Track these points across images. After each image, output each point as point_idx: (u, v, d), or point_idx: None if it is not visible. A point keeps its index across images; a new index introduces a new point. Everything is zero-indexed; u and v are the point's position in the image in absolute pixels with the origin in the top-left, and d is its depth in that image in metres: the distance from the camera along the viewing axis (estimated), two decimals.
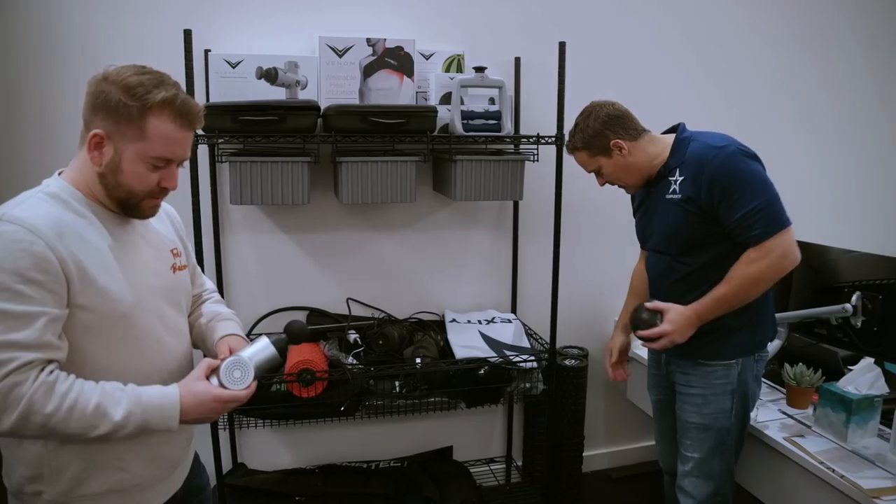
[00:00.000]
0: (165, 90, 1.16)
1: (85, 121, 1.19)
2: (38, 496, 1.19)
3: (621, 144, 1.79)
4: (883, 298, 1.93)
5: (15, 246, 1.06)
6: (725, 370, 1.78)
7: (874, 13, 3.00)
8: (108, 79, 1.15)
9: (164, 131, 1.16)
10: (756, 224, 1.63)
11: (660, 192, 1.81)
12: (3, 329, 1.05)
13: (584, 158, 1.86)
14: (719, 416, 1.79)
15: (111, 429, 1.11)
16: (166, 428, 1.17)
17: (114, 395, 1.12)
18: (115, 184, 1.18)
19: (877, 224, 3.19)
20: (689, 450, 1.85)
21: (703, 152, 1.70)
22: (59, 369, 1.11)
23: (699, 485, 1.84)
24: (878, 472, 1.68)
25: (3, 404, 1.04)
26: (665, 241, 1.81)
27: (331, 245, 2.46)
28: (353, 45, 2.19)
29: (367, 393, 2.22)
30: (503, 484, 2.76)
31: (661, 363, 1.97)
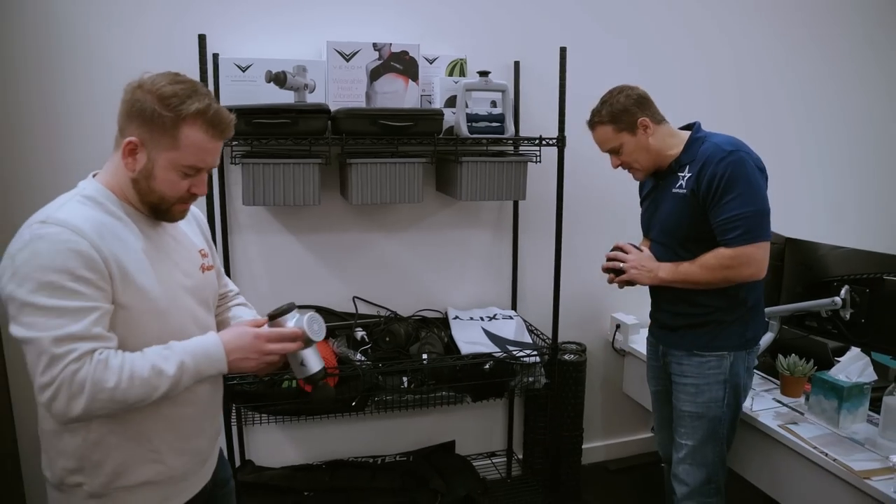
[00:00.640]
0: (199, 101, 1.19)
1: (120, 127, 1.23)
2: (78, 487, 1.24)
3: (647, 123, 1.84)
4: (870, 292, 2.03)
5: (63, 246, 1.11)
6: (718, 360, 1.86)
7: (873, 13, 3.13)
8: (144, 87, 1.19)
9: (197, 141, 1.20)
10: (736, 229, 1.72)
11: (667, 185, 1.89)
12: (61, 324, 1.09)
13: (607, 134, 1.87)
14: (712, 405, 1.88)
15: (170, 385, 1.17)
16: (218, 370, 1.23)
17: (161, 354, 1.18)
18: (147, 189, 1.23)
19: (870, 221, 3.31)
20: (683, 437, 1.93)
21: (712, 152, 1.78)
22: None
23: (692, 472, 1.91)
24: (869, 455, 1.78)
25: (71, 391, 1.09)
26: (665, 233, 1.90)
27: (336, 245, 2.51)
28: (359, 50, 2.25)
29: (377, 388, 2.28)
30: (504, 477, 2.83)
31: (658, 355, 2.04)
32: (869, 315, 2.04)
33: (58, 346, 1.09)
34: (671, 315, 1.94)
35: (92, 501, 1.24)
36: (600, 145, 1.92)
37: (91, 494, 1.24)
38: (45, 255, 1.10)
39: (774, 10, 2.95)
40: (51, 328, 1.09)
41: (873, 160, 3.30)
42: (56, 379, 1.09)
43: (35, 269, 1.10)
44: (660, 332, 2.02)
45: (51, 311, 1.09)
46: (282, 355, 1.32)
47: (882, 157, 3.32)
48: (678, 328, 1.92)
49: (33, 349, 1.10)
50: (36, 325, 1.09)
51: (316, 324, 1.34)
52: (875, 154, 3.30)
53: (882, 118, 3.27)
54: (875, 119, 3.26)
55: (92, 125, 2.15)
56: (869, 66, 3.20)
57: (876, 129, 3.27)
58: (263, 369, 1.32)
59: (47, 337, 1.09)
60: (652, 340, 2.09)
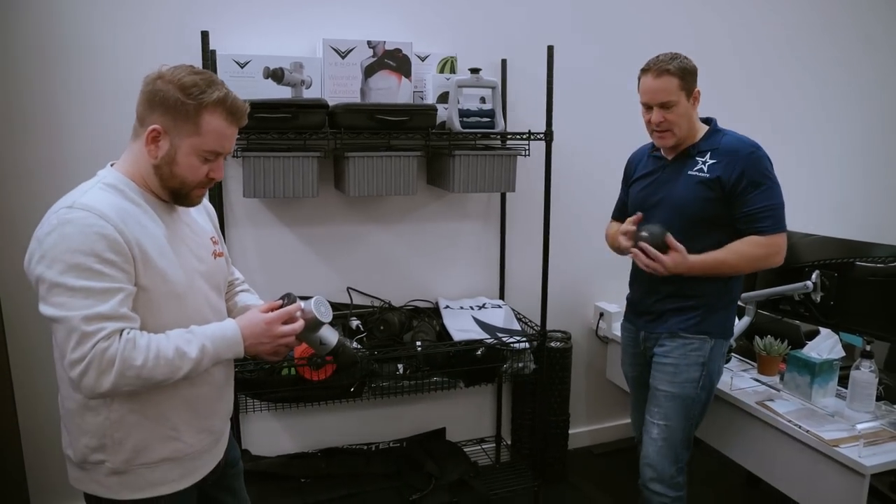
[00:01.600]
0: (218, 90, 1.27)
1: (140, 116, 1.29)
2: (101, 465, 1.29)
3: (698, 96, 1.91)
4: (838, 276, 2.17)
5: (89, 230, 1.17)
6: (701, 343, 1.94)
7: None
8: (164, 78, 1.25)
9: (217, 127, 1.27)
10: (768, 219, 1.84)
11: (680, 167, 1.94)
12: (90, 304, 1.16)
13: (671, 85, 1.85)
14: (687, 385, 1.94)
15: (192, 366, 1.24)
16: (235, 354, 1.31)
17: (184, 336, 1.25)
18: (169, 175, 1.29)
19: (876, 217, 3.52)
20: (655, 416, 1.98)
21: (739, 145, 1.88)
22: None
23: (661, 452, 1.96)
24: (837, 425, 1.91)
25: (101, 367, 1.15)
26: (680, 214, 1.91)
27: (330, 237, 2.58)
28: (354, 47, 2.32)
29: (373, 375, 2.36)
30: (494, 462, 2.92)
31: (638, 341, 2.09)
32: (837, 298, 2.18)
33: (87, 325, 1.15)
34: (659, 300, 1.99)
35: (114, 478, 1.30)
36: (654, 94, 1.88)
37: (113, 471, 1.29)
38: (73, 238, 1.16)
39: (772, 4, 3.10)
40: (80, 307, 1.15)
41: (874, 157, 3.48)
42: (87, 356, 1.14)
43: (64, 252, 1.16)
44: (642, 318, 2.06)
45: (79, 291, 1.15)
46: (295, 337, 1.40)
47: (882, 154, 3.51)
48: (665, 313, 1.98)
49: (63, 328, 1.16)
50: (66, 304, 1.15)
51: (322, 306, 1.43)
52: (876, 150, 3.48)
53: (885, 116, 3.46)
54: (878, 115, 3.44)
55: (94, 120, 2.19)
56: (869, 65, 3.38)
57: (877, 126, 3.46)
58: (279, 352, 1.39)
59: (77, 316, 1.14)
60: (630, 327, 2.14)
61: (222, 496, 1.55)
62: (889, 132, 3.57)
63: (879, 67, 3.46)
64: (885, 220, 3.58)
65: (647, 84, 1.90)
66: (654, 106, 1.89)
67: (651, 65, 1.89)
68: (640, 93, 1.94)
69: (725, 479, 2.87)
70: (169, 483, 1.34)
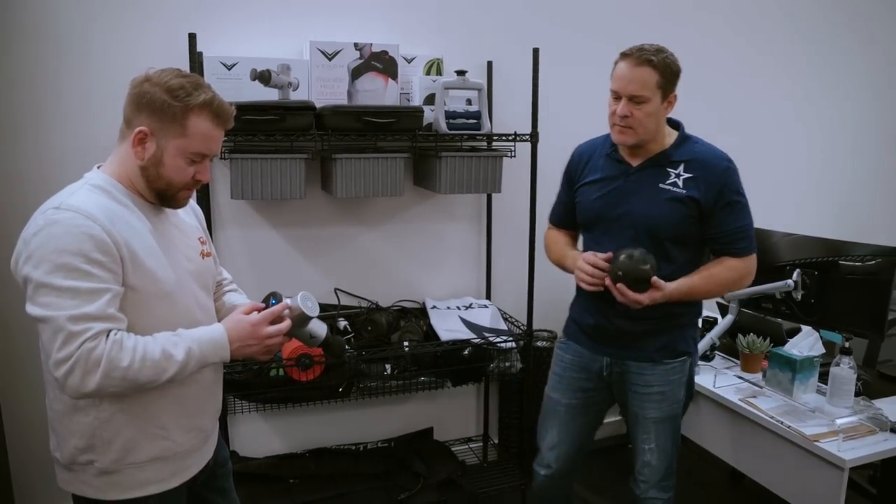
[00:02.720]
0: (204, 93, 1.28)
1: (126, 119, 1.29)
2: (90, 465, 1.29)
3: (674, 101, 1.75)
4: (818, 274, 2.21)
5: (77, 231, 1.18)
6: (681, 365, 1.86)
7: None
8: (151, 80, 1.26)
9: (203, 129, 1.29)
10: (744, 239, 1.76)
11: (649, 176, 1.78)
12: (76, 304, 1.16)
13: (649, 79, 1.68)
14: (675, 405, 1.88)
15: (177, 369, 1.24)
16: (221, 358, 1.32)
17: (171, 339, 1.26)
18: (156, 176, 1.30)
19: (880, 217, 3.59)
20: (646, 442, 1.89)
21: (713, 158, 1.76)
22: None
23: (659, 471, 1.90)
24: (818, 421, 1.95)
25: (86, 367, 1.16)
26: (641, 230, 1.76)
27: (317, 238, 2.59)
28: (341, 49, 2.33)
29: (361, 375, 2.37)
30: (481, 461, 2.94)
31: (591, 367, 1.92)
32: (818, 296, 2.22)
33: (74, 324, 1.15)
34: (629, 321, 1.81)
35: (103, 478, 1.30)
36: (629, 83, 1.70)
37: (102, 471, 1.29)
38: (60, 238, 1.17)
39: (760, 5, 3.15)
40: (66, 307, 1.15)
41: (876, 156, 3.55)
42: (73, 355, 1.15)
43: (50, 252, 1.16)
44: (606, 343, 1.89)
45: (66, 291, 1.16)
46: (283, 337, 1.40)
47: (882, 153, 3.58)
48: (638, 337, 1.83)
49: (49, 327, 1.16)
50: (52, 304, 1.16)
51: (309, 301, 1.44)
52: (877, 150, 3.56)
53: (883, 115, 3.53)
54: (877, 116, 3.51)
55: (81, 121, 2.19)
56: (868, 63, 3.45)
57: (878, 126, 3.53)
58: (267, 353, 1.39)
59: (63, 315, 1.15)
60: (582, 351, 1.94)
61: (212, 496, 1.55)
62: (880, 132, 3.63)
63: (880, 67, 3.52)
64: (867, 219, 3.64)
65: (622, 70, 1.71)
66: (623, 96, 1.71)
67: (633, 51, 1.70)
68: (611, 79, 1.75)
69: (710, 474, 2.91)
70: (158, 482, 1.34)
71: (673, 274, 1.74)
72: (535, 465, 2.07)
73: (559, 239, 2.01)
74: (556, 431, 2.00)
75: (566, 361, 1.97)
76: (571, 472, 2.04)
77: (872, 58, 3.53)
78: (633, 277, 1.67)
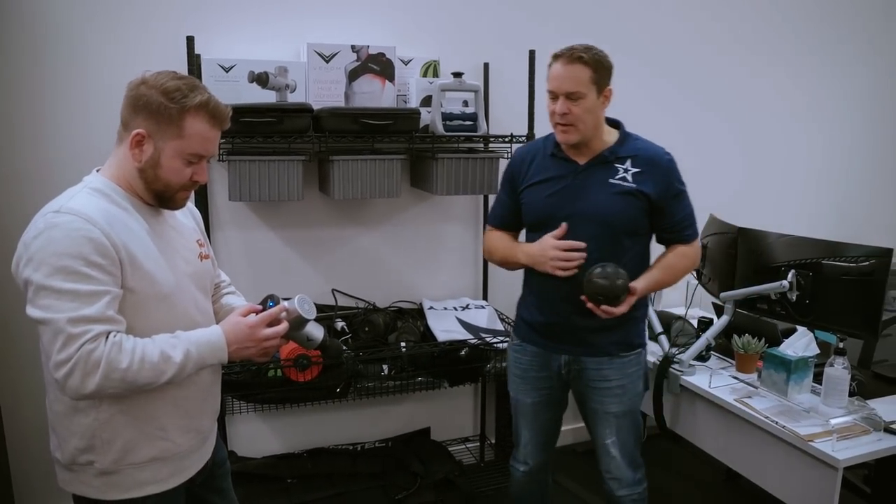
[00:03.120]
0: (200, 94, 1.29)
1: (124, 122, 1.31)
2: (90, 465, 1.30)
3: (609, 95, 1.79)
4: (813, 275, 2.22)
5: (76, 234, 1.19)
6: (637, 357, 1.94)
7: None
8: (148, 83, 1.27)
9: (200, 130, 1.29)
10: (690, 227, 1.89)
11: (598, 173, 1.82)
12: (76, 306, 1.17)
13: (582, 76, 1.72)
14: (635, 398, 1.95)
15: (176, 370, 1.25)
16: (219, 360, 1.33)
17: (169, 341, 1.27)
18: (153, 178, 1.31)
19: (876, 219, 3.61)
20: (609, 437, 1.93)
21: (657, 152, 1.85)
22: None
23: (624, 465, 1.95)
24: (813, 421, 1.96)
25: (86, 369, 1.17)
26: (604, 224, 1.80)
27: (315, 239, 2.60)
28: (338, 52, 2.34)
29: (358, 376, 2.38)
30: (478, 461, 2.96)
31: (549, 365, 1.94)
32: (812, 297, 2.23)
33: (74, 327, 1.16)
34: (584, 318, 1.82)
35: (103, 479, 1.31)
36: (564, 83, 1.74)
37: (102, 472, 1.30)
38: (60, 241, 1.18)
39: (750, 11, 3.17)
40: (66, 310, 1.16)
41: (872, 158, 3.57)
42: (73, 357, 1.16)
43: (50, 255, 1.17)
44: (562, 341, 1.91)
45: (66, 293, 1.17)
46: (280, 339, 1.41)
47: (878, 155, 3.60)
48: (595, 331, 1.86)
49: (49, 329, 1.17)
50: (52, 307, 1.17)
51: (306, 304, 1.45)
52: (873, 151, 3.57)
53: (880, 116, 3.55)
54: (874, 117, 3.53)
55: (80, 123, 2.20)
56: (868, 63, 3.46)
57: (875, 128, 3.55)
58: (264, 355, 1.40)
59: (63, 318, 1.16)
60: (537, 350, 1.96)
61: (210, 497, 1.56)
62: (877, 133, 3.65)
63: (879, 68, 3.54)
64: (862, 220, 3.66)
65: (556, 70, 1.75)
66: (560, 95, 1.75)
67: (563, 51, 1.75)
68: (547, 80, 1.79)
69: (705, 474, 2.93)
70: (157, 483, 1.35)
71: (628, 266, 1.78)
72: (512, 462, 2.13)
73: (503, 237, 2.00)
74: (526, 430, 2.06)
75: (524, 363, 2.00)
76: (545, 464, 2.13)
77: (871, 58, 3.54)
78: (613, 296, 1.73)
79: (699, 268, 2.57)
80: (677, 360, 2.34)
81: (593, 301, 1.74)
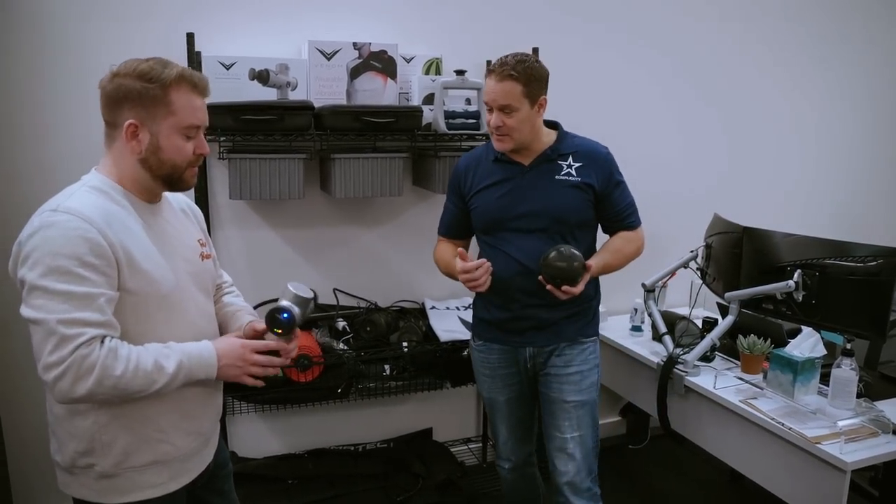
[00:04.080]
0: (174, 68, 1.28)
1: (108, 121, 1.29)
2: (90, 469, 1.29)
3: (544, 103, 1.84)
4: (819, 275, 2.19)
5: (72, 234, 1.17)
6: (594, 345, 2.00)
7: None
8: (120, 74, 1.26)
9: (187, 101, 1.28)
10: (633, 214, 1.99)
11: (544, 172, 1.88)
12: (70, 308, 1.15)
13: (513, 91, 1.76)
14: (592, 389, 1.97)
15: (167, 381, 1.24)
16: (207, 375, 1.31)
17: (163, 351, 1.26)
18: (158, 163, 1.29)
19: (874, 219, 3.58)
20: (567, 430, 1.93)
21: (595, 147, 1.94)
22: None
23: (580, 465, 1.94)
24: (820, 423, 1.94)
25: (79, 373, 1.15)
26: (556, 220, 1.86)
27: (316, 238, 2.58)
28: (340, 49, 2.32)
29: (360, 376, 2.36)
30: (480, 462, 2.94)
31: (515, 360, 1.99)
32: (819, 297, 2.20)
33: (66, 328, 1.14)
34: (547, 310, 1.90)
35: (103, 482, 1.30)
36: (498, 98, 1.78)
37: (102, 475, 1.29)
38: (55, 241, 1.16)
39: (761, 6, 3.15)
40: (59, 311, 1.15)
41: (875, 157, 3.54)
42: (65, 360, 1.14)
43: (45, 255, 1.16)
44: (525, 334, 1.95)
45: (59, 294, 1.15)
46: (263, 368, 1.39)
47: (881, 154, 3.57)
48: (556, 322, 1.92)
49: (41, 330, 1.15)
50: (45, 307, 1.15)
51: (301, 291, 1.44)
52: (876, 151, 3.54)
53: (883, 115, 3.52)
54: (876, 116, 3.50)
55: (79, 121, 2.17)
56: (868, 63, 3.44)
57: (877, 127, 3.52)
58: (244, 379, 1.38)
59: (54, 318, 1.14)
60: (502, 348, 2.00)
61: (212, 498, 1.55)
62: (880, 133, 3.62)
63: (880, 68, 3.52)
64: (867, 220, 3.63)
65: (489, 85, 1.81)
66: (494, 108, 1.81)
67: (495, 67, 1.79)
68: (483, 92, 1.89)
69: (709, 475, 2.91)
70: (158, 486, 1.34)
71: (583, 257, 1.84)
72: (496, 462, 2.20)
73: (447, 250, 2.04)
74: (504, 427, 2.10)
75: (493, 362, 2.03)
76: (528, 458, 2.15)
77: (871, 57, 3.51)
78: (572, 277, 1.78)
79: (703, 267, 2.55)
80: (682, 360, 2.32)
81: (552, 283, 1.79)
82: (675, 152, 3.12)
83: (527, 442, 2.14)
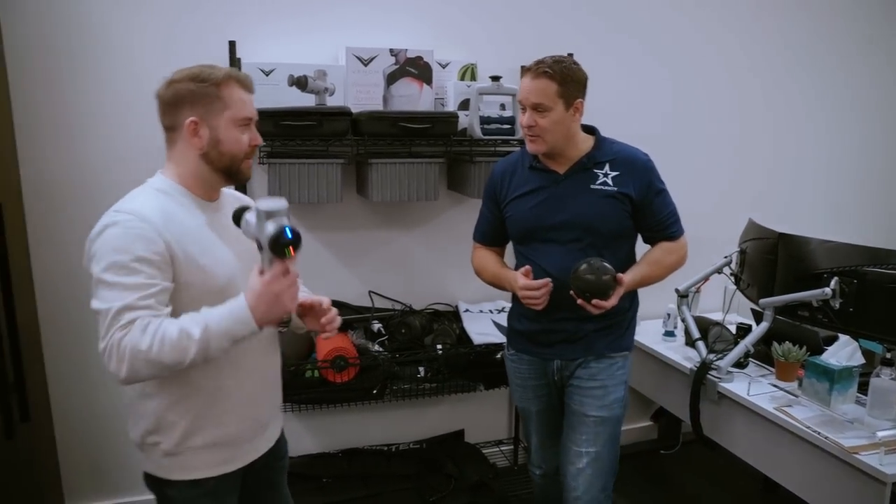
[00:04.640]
0: (220, 69, 1.39)
1: (168, 124, 1.39)
2: (156, 446, 1.40)
3: (581, 107, 1.80)
4: (857, 282, 2.17)
5: (130, 232, 1.27)
6: (623, 361, 1.94)
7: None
8: (175, 81, 1.38)
9: (238, 96, 1.39)
10: (675, 223, 1.93)
11: (579, 181, 1.84)
12: (121, 297, 1.24)
13: (548, 90, 1.74)
14: (615, 406, 1.91)
15: (199, 346, 1.24)
16: (249, 329, 1.26)
17: (192, 318, 1.26)
18: (218, 156, 1.39)
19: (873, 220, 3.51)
20: (584, 445, 1.90)
21: (635, 154, 1.88)
22: None
23: (591, 481, 1.90)
24: (857, 432, 1.92)
25: (117, 356, 1.23)
26: (584, 231, 1.83)
27: (352, 241, 2.62)
28: (377, 55, 2.36)
29: (395, 377, 2.40)
30: (511, 464, 2.96)
31: (545, 372, 1.98)
32: (856, 304, 2.18)
33: (115, 317, 1.23)
34: (576, 323, 1.87)
35: (167, 459, 1.40)
36: (530, 95, 1.76)
37: (166, 453, 1.39)
38: (115, 238, 1.27)
39: (783, 11, 3.12)
40: (113, 300, 1.24)
41: (875, 157, 3.47)
42: (108, 346, 1.23)
43: (106, 251, 1.26)
44: (555, 346, 1.93)
45: (115, 286, 1.25)
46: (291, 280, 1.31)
47: (882, 154, 3.50)
48: (586, 336, 1.89)
49: (100, 319, 1.25)
50: (104, 298, 1.25)
51: (270, 203, 1.25)
52: (875, 151, 3.47)
53: (883, 117, 3.45)
54: (877, 117, 3.43)
55: (122, 129, 2.25)
56: (868, 64, 3.36)
57: (877, 127, 3.45)
58: (289, 306, 1.30)
59: (109, 308, 1.23)
60: (531, 359, 1.99)
61: (262, 490, 1.61)
62: None
63: (880, 68, 3.45)
64: None
65: (524, 83, 1.79)
66: (527, 107, 1.78)
67: (532, 65, 1.78)
68: (518, 91, 1.86)
69: (742, 482, 2.89)
70: (214, 466, 1.42)
71: (616, 268, 1.79)
72: (529, 467, 2.22)
73: (490, 259, 2.03)
74: (536, 436, 2.12)
75: (523, 373, 2.03)
76: (556, 469, 2.12)
77: None
78: (602, 290, 1.74)
79: (737, 272, 2.53)
80: (715, 366, 2.31)
81: (582, 297, 1.75)
82: (713, 158, 3.10)
83: (558, 451, 2.09)
